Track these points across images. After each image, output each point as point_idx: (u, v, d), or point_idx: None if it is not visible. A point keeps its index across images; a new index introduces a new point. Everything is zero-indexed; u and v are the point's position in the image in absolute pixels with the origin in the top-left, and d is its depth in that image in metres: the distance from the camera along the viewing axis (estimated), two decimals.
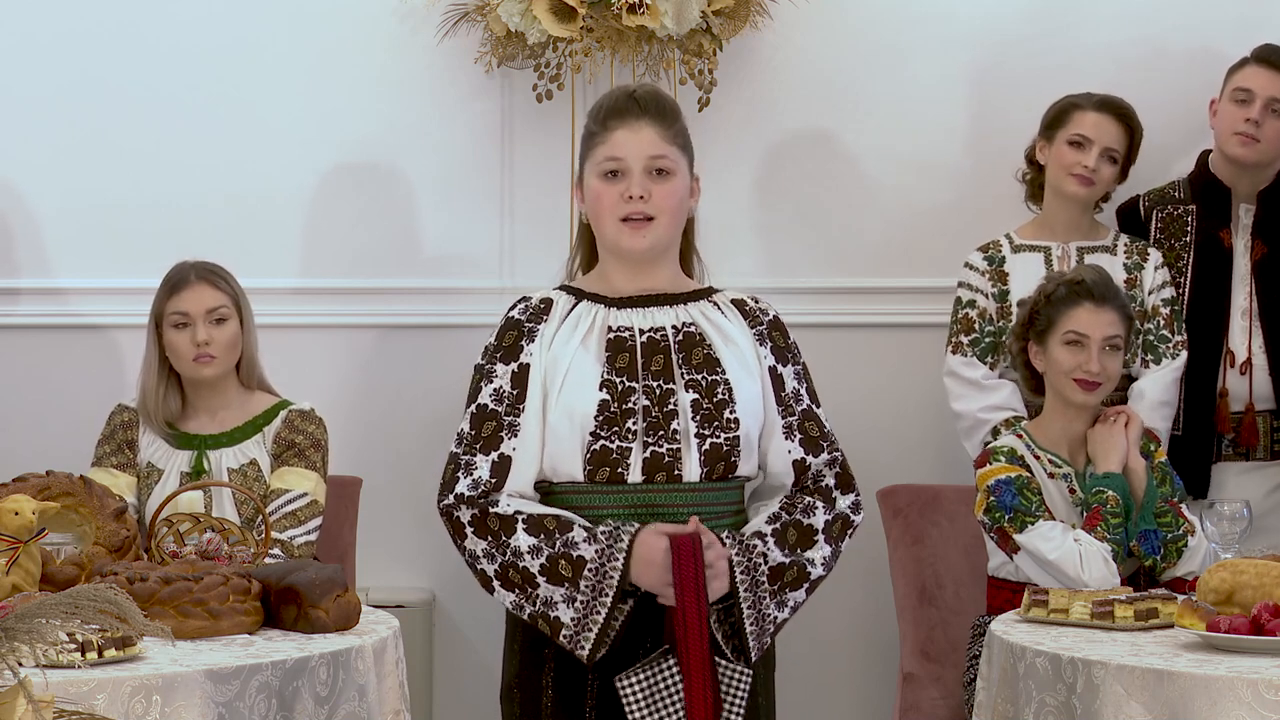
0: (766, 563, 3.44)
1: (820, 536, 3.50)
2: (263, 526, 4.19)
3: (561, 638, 3.41)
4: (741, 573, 3.42)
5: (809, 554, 3.48)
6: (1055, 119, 4.84)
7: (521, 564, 3.40)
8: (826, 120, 5.25)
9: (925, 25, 5.22)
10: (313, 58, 5.25)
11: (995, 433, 4.62)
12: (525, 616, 3.45)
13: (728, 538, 3.45)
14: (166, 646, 3.23)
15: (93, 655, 3.23)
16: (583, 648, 3.39)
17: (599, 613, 3.39)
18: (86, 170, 5.24)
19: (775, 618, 3.46)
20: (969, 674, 4.29)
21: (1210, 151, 4.93)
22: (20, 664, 2.44)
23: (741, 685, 3.42)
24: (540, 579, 3.40)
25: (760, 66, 5.23)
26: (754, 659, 3.46)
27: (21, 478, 4.04)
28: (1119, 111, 4.81)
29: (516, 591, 3.43)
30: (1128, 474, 4.24)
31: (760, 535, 3.47)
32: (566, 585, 3.39)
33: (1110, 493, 4.17)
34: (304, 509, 4.43)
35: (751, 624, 3.43)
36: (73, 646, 3.18)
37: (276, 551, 4.31)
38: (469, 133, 5.25)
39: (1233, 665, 3.37)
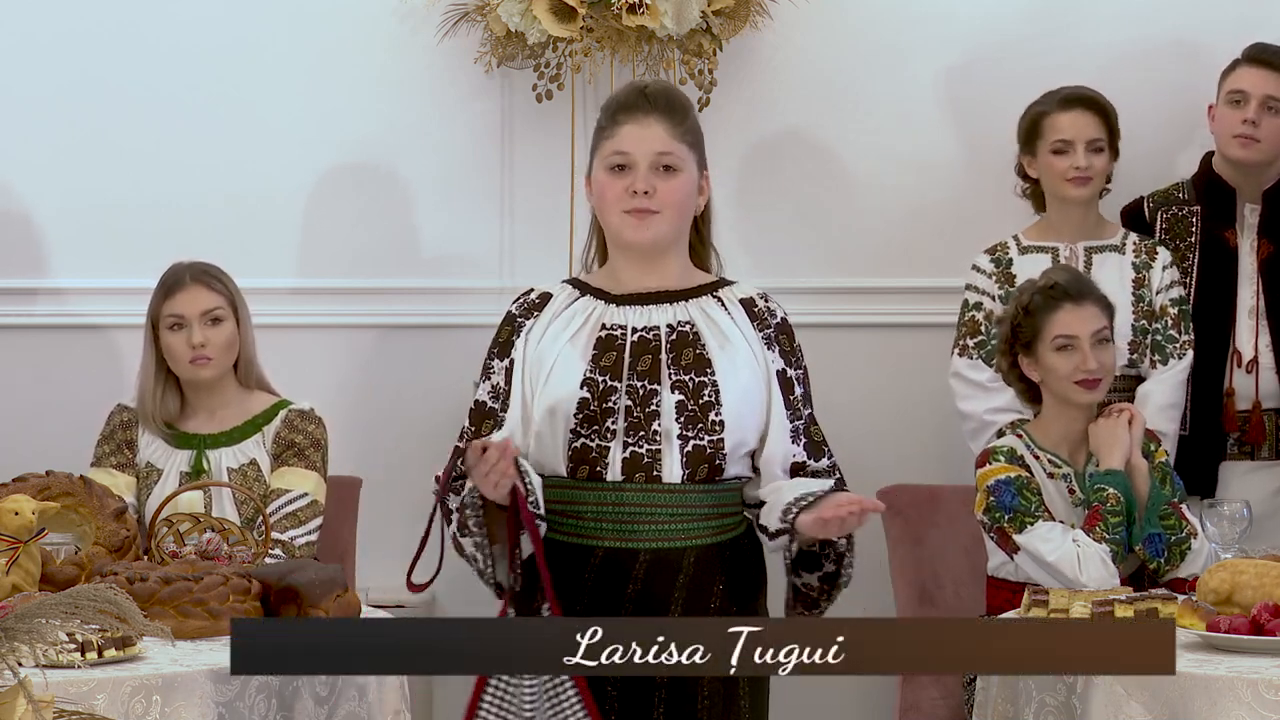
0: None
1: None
2: (263, 526, 4.19)
3: (485, 579, 3.49)
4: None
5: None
6: (1030, 131, 4.83)
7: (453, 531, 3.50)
8: (826, 120, 5.25)
9: (925, 25, 5.22)
10: (313, 58, 5.25)
11: (1001, 434, 4.61)
12: (486, 582, 3.52)
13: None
14: (166, 646, 3.23)
15: (93, 655, 3.24)
16: (490, 576, 3.48)
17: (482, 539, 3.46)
18: (86, 170, 5.24)
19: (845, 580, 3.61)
20: (969, 674, 4.29)
21: (1213, 153, 4.93)
22: (20, 664, 2.44)
23: None
24: (460, 537, 3.49)
25: (760, 66, 5.23)
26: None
27: (21, 478, 4.04)
28: (1087, 102, 4.80)
29: (469, 562, 3.53)
30: (1130, 471, 4.23)
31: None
32: (466, 532, 3.48)
33: (1111, 490, 4.17)
34: (304, 509, 4.42)
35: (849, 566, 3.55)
36: (73, 646, 3.18)
37: (277, 552, 4.31)
38: (469, 133, 5.25)
39: (1233, 665, 3.37)
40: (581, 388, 3.48)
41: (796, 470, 3.55)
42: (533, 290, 3.62)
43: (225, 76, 5.25)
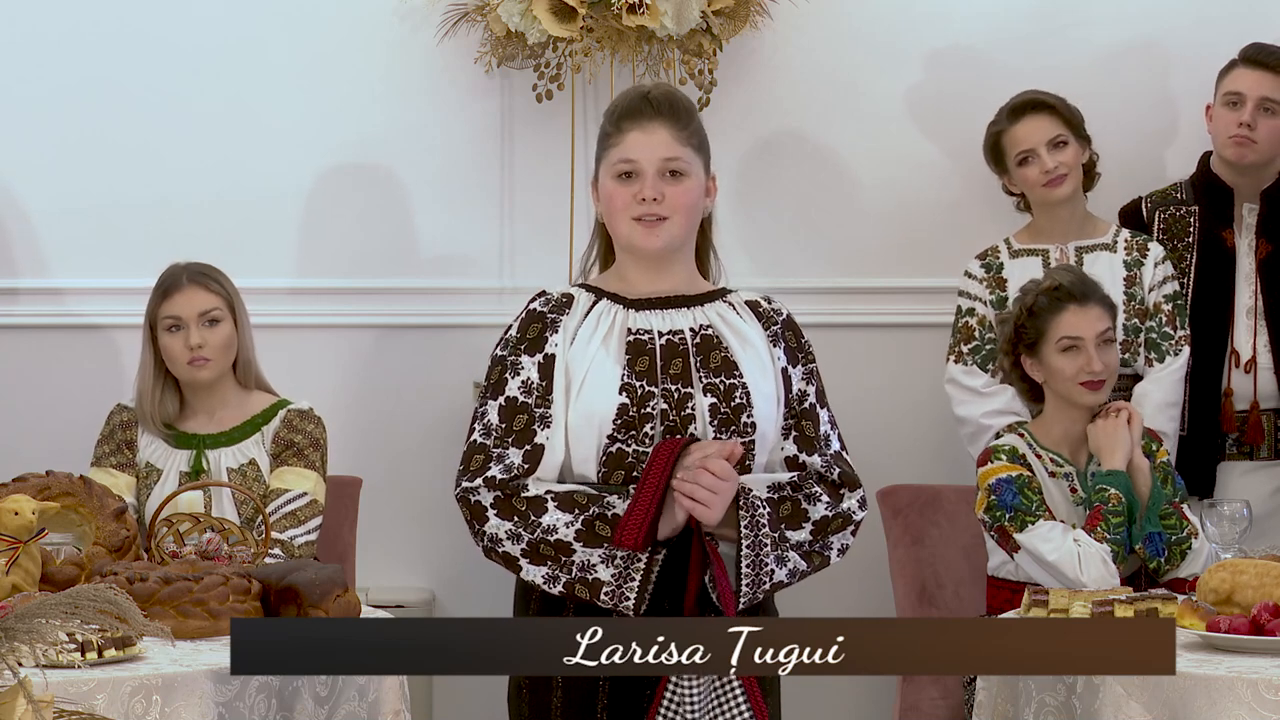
0: (764, 508, 3.42)
1: (809, 525, 3.47)
2: (262, 526, 4.19)
3: (602, 596, 3.38)
4: (742, 508, 3.40)
5: (789, 532, 3.46)
6: (994, 153, 4.84)
7: (554, 537, 3.39)
8: (826, 120, 5.25)
9: (925, 25, 5.22)
10: (313, 58, 5.25)
11: (999, 437, 4.62)
12: (559, 589, 3.41)
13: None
14: (166, 646, 3.23)
15: (93, 655, 3.23)
16: (627, 599, 3.38)
17: (639, 560, 3.38)
18: (86, 170, 5.24)
19: (772, 570, 3.43)
20: (969, 674, 4.29)
21: (1211, 153, 4.94)
22: (20, 664, 2.44)
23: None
24: (576, 545, 3.38)
25: (760, 66, 5.23)
26: (740, 605, 3.42)
27: (21, 478, 4.04)
28: (1034, 105, 4.80)
29: (549, 564, 3.40)
30: (1131, 471, 4.24)
31: (755, 494, 3.44)
32: (605, 545, 3.38)
33: (1113, 490, 4.17)
34: (304, 509, 4.43)
35: (749, 566, 3.40)
36: (73, 646, 3.18)
37: (277, 551, 4.31)
38: (469, 133, 5.25)
39: (1233, 665, 3.37)
40: (620, 393, 3.46)
41: (792, 465, 3.53)
42: (553, 291, 3.59)
43: (225, 76, 5.25)
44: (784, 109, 5.25)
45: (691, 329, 3.52)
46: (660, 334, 3.50)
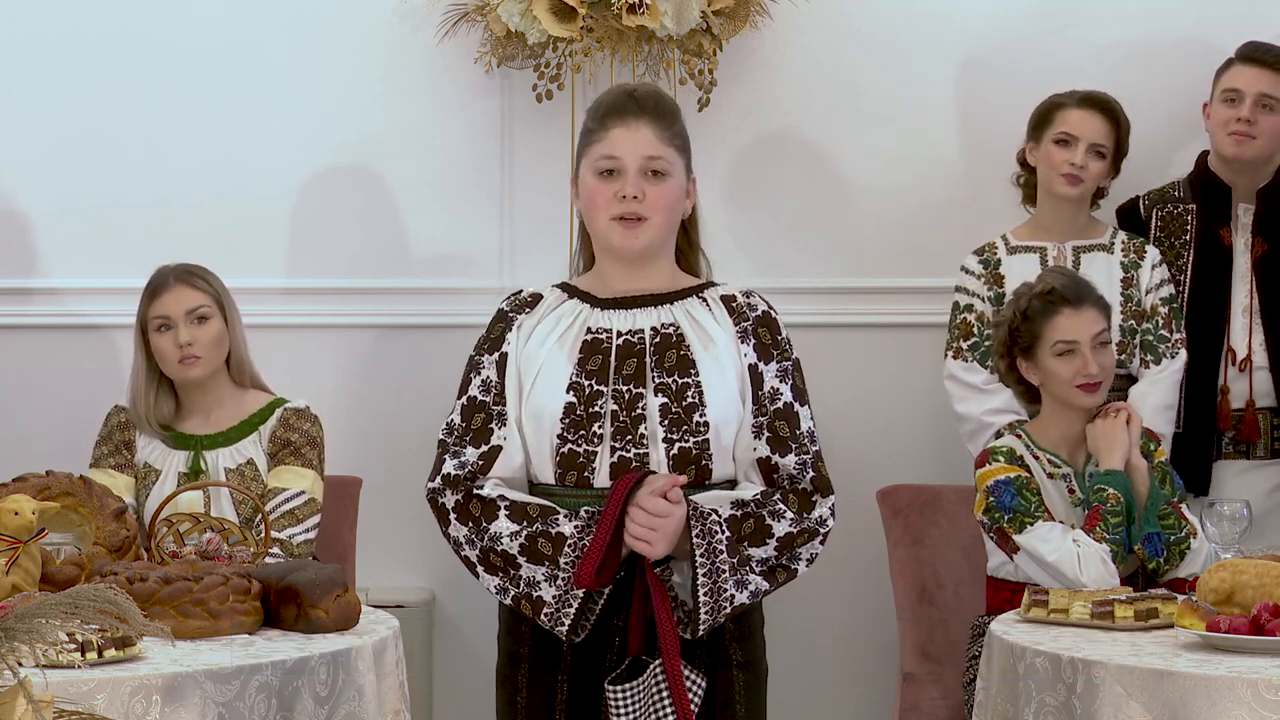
0: (722, 531, 3.40)
1: (773, 541, 3.44)
2: (262, 526, 4.19)
3: (542, 616, 3.40)
4: (697, 536, 3.38)
5: (752, 550, 3.44)
6: (1041, 119, 4.85)
7: (500, 547, 3.41)
8: (826, 120, 5.25)
9: (925, 25, 5.22)
10: (312, 58, 5.25)
11: (999, 435, 4.62)
12: (509, 600, 3.44)
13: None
14: (166, 646, 3.23)
15: (93, 655, 3.23)
16: (562, 624, 3.39)
17: (580, 590, 3.39)
18: (86, 170, 5.24)
19: (732, 595, 3.41)
20: (969, 674, 4.29)
21: (1208, 152, 4.94)
22: (20, 664, 2.44)
23: (696, 691, 3.43)
24: (521, 559, 3.41)
25: (760, 66, 5.23)
26: (700, 630, 3.41)
27: (21, 478, 4.03)
28: (1103, 106, 4.82)
29: (500, 575, 3.44)
30: (1130, 471, 4.23)
31: (717, 514, 3.42)
32: (547, 563, 3.40)
33: (1111, 490, 4.17)
34: (302, 507, 4.42)
35: (706, 594, 3.38)
36: (73, 646, 3.18)
37: (276, 551, 4.31)
38: (469, 133, 5.25)
39: (1232, 665, 3.37)
40: (568, 392, 3.46)
41: (763, 466, 3.49)
42: (524, 290, 3.62)
43: (225, 77, 5.25)
44: (784, 109, 5.25)
45: (653, 328, 3.51)
46: (619, 333, 3.50)
